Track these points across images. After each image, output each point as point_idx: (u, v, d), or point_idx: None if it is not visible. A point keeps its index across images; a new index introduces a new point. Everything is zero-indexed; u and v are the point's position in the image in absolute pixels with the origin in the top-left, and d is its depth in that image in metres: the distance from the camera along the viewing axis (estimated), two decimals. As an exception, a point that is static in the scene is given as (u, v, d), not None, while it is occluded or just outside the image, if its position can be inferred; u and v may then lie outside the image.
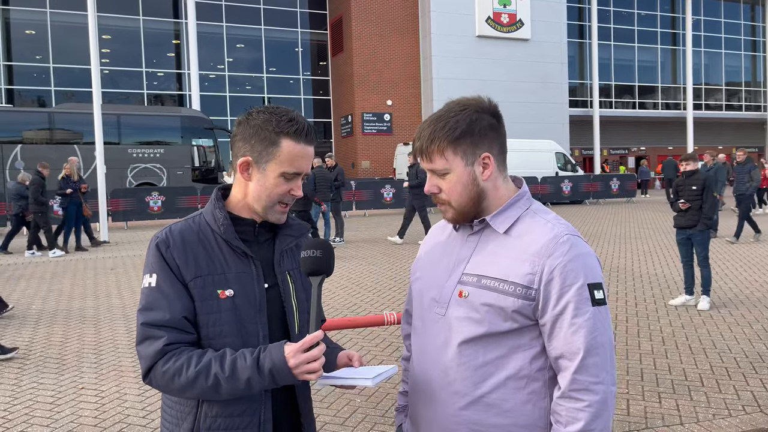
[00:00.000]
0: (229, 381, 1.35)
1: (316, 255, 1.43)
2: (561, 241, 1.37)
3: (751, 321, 6.21)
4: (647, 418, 3.95)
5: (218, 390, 1.37)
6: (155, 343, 1.39)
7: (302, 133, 1.47)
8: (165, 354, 1.38)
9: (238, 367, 1.36)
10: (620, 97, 36.01)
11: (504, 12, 29.24)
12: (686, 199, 6.79)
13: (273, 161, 1.47)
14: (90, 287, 8.59)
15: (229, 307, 1.44)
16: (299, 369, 1.33)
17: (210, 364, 1.37)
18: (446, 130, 1.41)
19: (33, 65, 26.30)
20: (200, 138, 22.27)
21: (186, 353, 1.39)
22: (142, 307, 1.43)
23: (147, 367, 1.40)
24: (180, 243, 1.46)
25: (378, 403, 4.22)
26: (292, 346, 1.35)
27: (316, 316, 1.38)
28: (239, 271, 1.47)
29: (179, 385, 1.37)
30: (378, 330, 5.97)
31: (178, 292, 1.42)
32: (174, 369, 1.37)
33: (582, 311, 1.33)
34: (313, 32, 30.96)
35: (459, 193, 1.44)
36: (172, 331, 1.40)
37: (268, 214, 1.51)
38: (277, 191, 1.49)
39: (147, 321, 1.41)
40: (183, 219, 1.54)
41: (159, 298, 1.41)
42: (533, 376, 1.38)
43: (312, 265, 1.43)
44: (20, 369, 5.12)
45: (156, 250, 1.45)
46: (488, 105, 1.46)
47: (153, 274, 1.43)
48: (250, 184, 1.50)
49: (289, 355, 1.34)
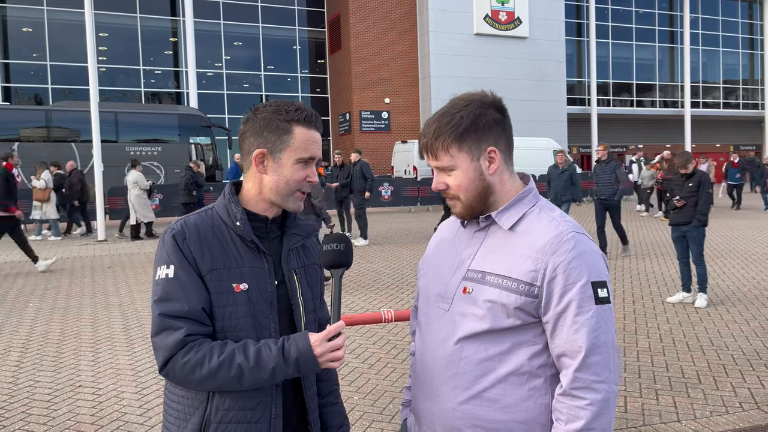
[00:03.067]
0: (253, 370, 1.37)
1: (339, 248, 1.48)
2: (565, 239, 1.36)
3: (749, 318, 6.22)
4: (645, 415, 3.95)
5: (241, 380, 1.38)
6: (174, 334, 1.38)
7: (311, 120, 1.52)
8: (185, 345, 1.38)
9: (264, 357, 1.38)
10: (618, 95, 36.03)
11: (502, 10, 29.22)
12: (681, 197, 6.83)
13: (287, 149, 1.50)
14: (87, 285, 8.58)
15: (244, 301, 1.45)
16: (324, 357, 1.39)
17: (233, 354, 1.38)
18: (450, 126, 1.41)
19: (30, 63, 26.24)
20: (198, 136, 22.23)
21: (206, 344, 1.40)
22: (158, 297, 1.42)
23: (165, 359, 1.39)
24: (196, 235, 1.46)
25: (376, 401, 4.22)
26: (317, 335, 1.40)
27: (337, 306, 1.42)
28: (253, 266, 1.49)
29: (200, 377, 1.38)
30: (377, 328, 5.98)
31: (196, 283, 1.42)
32: (195, 360, 1.37)
33: (585, 309, 1.32)
34: (311, 30, 30.91)
35: (466, 189, 1.44)
36: (191, 323, 1.40)
37: (288, 202, 1.53)
38: (295, 178, 1.51)
39: (165, 312, 1.40)
40: (195, 212, 1.54)
41: (177, 289, 1.41)
42: (535, 372, 1.38)
43: (336, 258, 1.47)
44: (17, 367, 5.11)
45: (173, 241, 1.45)
46: (493, 99, 1.46)
47: (170, 265, 1.43)
48: (266, 177, 1.51)
49: (315, 344, 1.38)
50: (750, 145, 41.22)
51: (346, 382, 4.60)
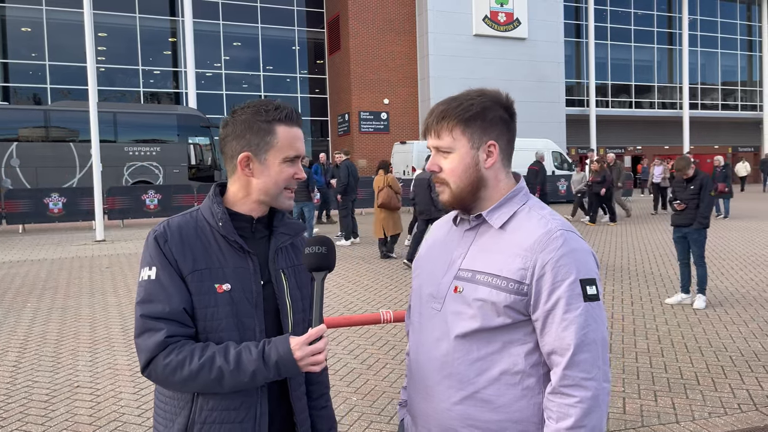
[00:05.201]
0: (233, 374, 1.37)
1: (321, 251, 1.46)
2: (554, 236, 1.36)
3: (747, 320, 6.22)
4: (643, 416, 3.95)
5: (221, 383, 1.38)
6: (155, 336, 1.38)
7: (292, 117, 1.52)
8: (166, 347, 1.38)
9: (244, 360, 1.38)
10: (617, 97, 36.05)
11: (501, 11, 29.24)
12: (683, 199, 6.85)
13: (272, 150, 1.50)
14: (85, 285, 8.56)
15: (227, 302, 1.44)
16: (304, 361, 1.38)
17: (214, 357, 1.38)
18: (459, 109, 1.43)
19: (29, 63, 26.20)
20: (196, 136, 22.23)
21: (188, 346, 1.39)
22: (140, 299, 1.43)
23: (147, 360, 1.39)
24: (178, 237, 1.46)
25: (374, 402, 4.21)
26: (297, 339, 1.39)
27: (319, 310, 1.41)
28: (236, 266, 1.48)
29: (180, 378, 1.38)
30: (375, 328, 5.97)
31: (177, 285, 1.42)
32: (176, 362, 1.37)
33: (573, 307, 1.32)
34: (310, 30, 30.90)
35: (459, 175, 1.44)
36: (172, 324, 1.40)
37: (279, 202, 1.53)
38: (283, 177, 1.51)
39: (146, 313, 1.40)
40: (180, 214, 1.54)
41: (158, 290, 1.41)
42: (528, 371, 1.38)
43: (317, 261, 1.46)
44: (15, 367, 5.10)
45: (154, 243, 1.45)
46: (505, 100, 1.48)
47: (152, 267, 1.44)
48: (253, 179, 1.51)
49: (295, 348, 1.37)
50: (748, 146, 41.27)
51: (345, 382, 4.59)
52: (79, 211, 16.38)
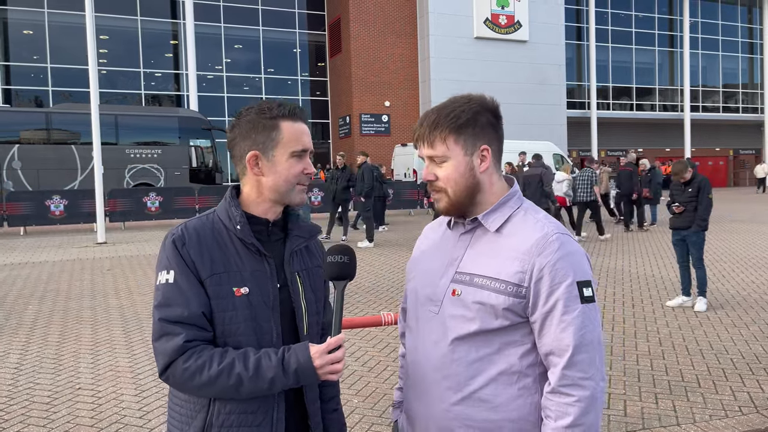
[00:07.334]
0: (252, 380, 1.37)
1: (344, 261, 1.46)
2: (550, 240, 1.39)
3: (748, 322, 6.22)
4: (644, 418, 3.95)
5: (239, 389, 1.38)
6: (174, 340, 1.38)
7: (296, 113, 1.53)
8: (185, 351, 1.39)
9: (263, 367, 1.38)
10: (618, 99, 36.07)
11: (502, 14, 29.27)
12: (681, 202, 6.86)
13: (279, 145, 1.50)
14: (87, 288, 8.57)
15: (245, 305, 1.45)
16: (324, 369, 1.39)
17: (233, 362, 1.38)
18: (450, 118, 1.44)
19: (30, 65, 26.26)
20: (198, 138, 22.26)
21: (207, 351, 1.40)
22: (158, 303, 1.42)
23: (165, 364, 1.39)
24: (196, 240, 1.46)
25: (375, 404, 4.22)
26: (317, 347, 1.40)
27: (339, 319, 1.41)
28: (254, 269, 1.48)
29: (199, 383, 1.38)
30: (376, 331, 5.97)
31: (195, 288, 1.42)
32: (195, 367, 1.37)
33: (571, 309, 1.35)
34: (311, 33, 30.96)
35: (455, 182, 1.46)
36: (191, 328, 1.40)
37: (291, 197, 1.53)
38: (292, 172, 1.51)
39: (165, 317, 1.40)
40: (196, 217, 1.54)
41: (177, 294, 1.41)
42: (524, 372, 1.41)
43: (339, 270, 1.46)
44: (17, 369, 5.10)
45: (172, 246, 1.45)
46: (491, 104, 1.50)
47: (170, 270, 1.43)
48: (263, 178, 1.51)
49: (315, 356, 1.38)
50: (749, 149, 41.27)
51: (346, 384, 4.60)
52: (80, 213, 16.41)
